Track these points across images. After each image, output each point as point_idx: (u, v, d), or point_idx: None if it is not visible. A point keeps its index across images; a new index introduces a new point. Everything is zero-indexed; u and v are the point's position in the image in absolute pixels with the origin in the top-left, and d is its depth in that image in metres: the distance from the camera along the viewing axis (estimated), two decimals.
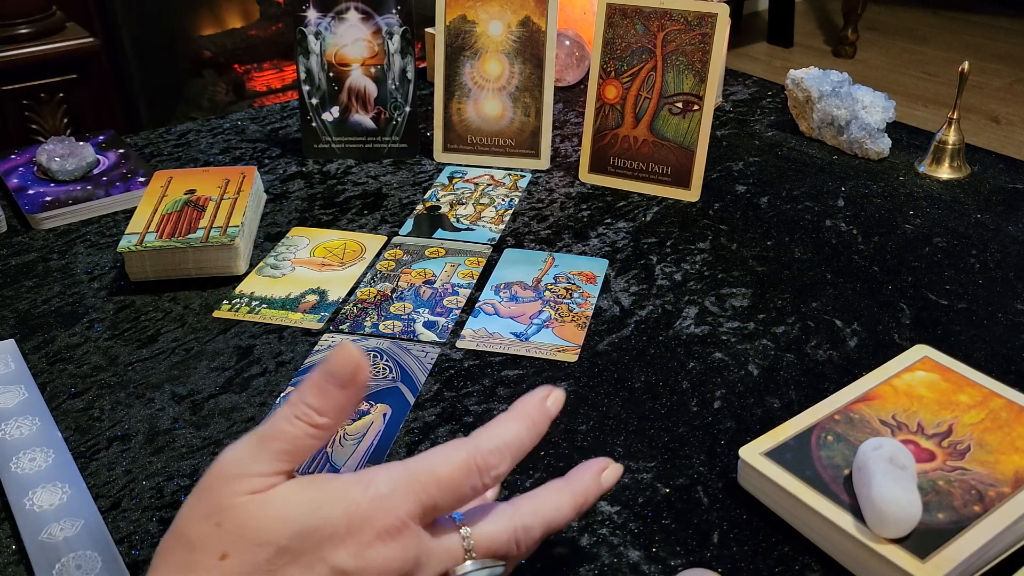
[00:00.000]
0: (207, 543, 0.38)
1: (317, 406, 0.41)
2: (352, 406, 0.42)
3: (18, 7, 1.72)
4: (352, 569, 0.39)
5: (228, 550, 0.38)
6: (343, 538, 0.39)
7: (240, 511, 0.39)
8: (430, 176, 0.99)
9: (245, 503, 0.39)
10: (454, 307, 0.75)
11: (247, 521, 0.38)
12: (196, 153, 1.06)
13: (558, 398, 0.46)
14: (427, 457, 0.42)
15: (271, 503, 0.39)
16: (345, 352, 0.41)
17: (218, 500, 0.39)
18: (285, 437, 0.40)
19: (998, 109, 3.07)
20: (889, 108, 0.99)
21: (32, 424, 0.62)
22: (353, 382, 0.41)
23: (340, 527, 0.39)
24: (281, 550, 0.38)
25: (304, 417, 0.41)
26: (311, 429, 0.41)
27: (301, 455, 0.41)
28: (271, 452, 0.40)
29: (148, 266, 0.78)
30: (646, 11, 0.90)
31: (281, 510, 0.39)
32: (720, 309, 0.74)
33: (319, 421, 0.41)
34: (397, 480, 0.40)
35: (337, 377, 0.41)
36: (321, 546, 0.38)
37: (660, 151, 0.92)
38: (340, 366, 0.41)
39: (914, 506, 0.47)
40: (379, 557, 0.39)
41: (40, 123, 1.76)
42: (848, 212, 0.89)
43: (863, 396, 0.58)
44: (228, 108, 2.31)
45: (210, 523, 0.39)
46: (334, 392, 0.41)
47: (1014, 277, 0.78)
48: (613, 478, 0.47)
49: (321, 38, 0.99)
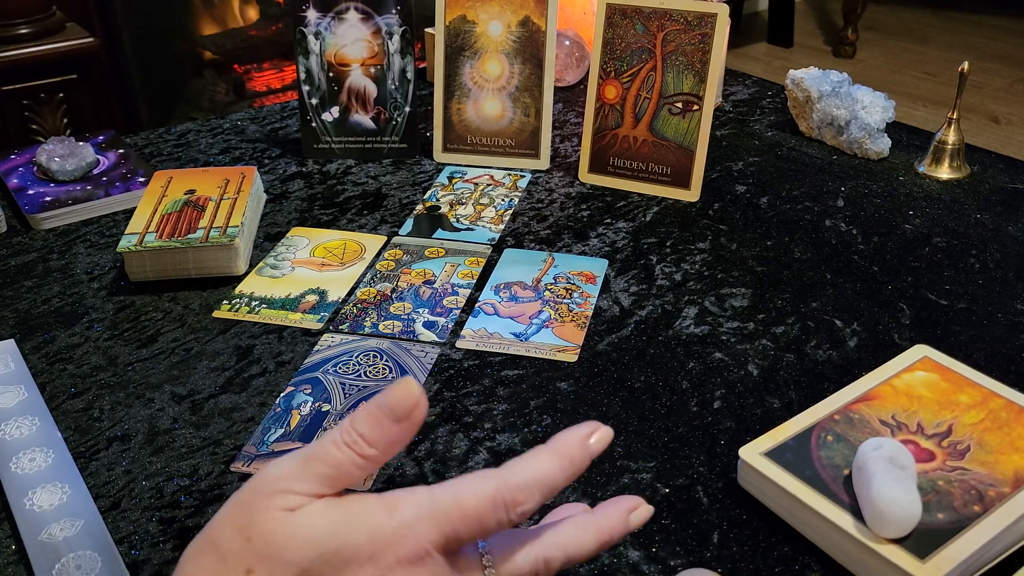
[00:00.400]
0: (235, 556, 0.38)
1: (369, 436, 0.40)
2: (404, 443, 0.41)
3: (18, 7, 1.72)
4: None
5: (254, 566, 0.38)
6: (364, 563, 0.38)
7: (270, 528, 0.39)
8: (430, 176, 0.99)
9: (276, 520, 0.39)
10: (454, 307, 0.75)
11: (274, 539, 0.38)
12: (196, 153, 1.06)
13: (604, 436, 0.43)
14: (454, 486, 0.41)
15: (298, 523, 0.39)
16: (406, 387, 0.41)
17: (252, 514, 0.39)
18: (331, 461, 0.40)
19: (998, 109, 3.06)
20: (889, 108, 0.99)
21: (32, 424, 0.62)
22: (409, 418, 0.40)
23: (363, 551, 0.38)
24: (304, 572, 0.38)
25: (353, 445, 0.40)
26: (358, 459, 0.40)
27: (343, 482, 0.40)
28: (314, 474, 0.40)
29: (148, 266, 0.78)
30: (646, 11, 0.90)
31: (306, 531, 0.39)
32: (720, 309, 0.74)
33: (367, 452, 0.40)
34: (422, 507, 0.40)
35: (394, 411, 0.40)
36: (342, 570, 0.38)
37: (660, 151, 0.92)
38: (399, 400, 0.40)
39: (914, 506, 0.47)
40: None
41: (40, 123, 1.76)
42: (848, 212, 0.89)
43: (863, 396, 0.58)
44: (228, 108, 2.31)
45: (241, 536, 0.39)
46: (388, 425, 0.40)
47: (1014, 277, 0.78)
48: (642, 519, 0.45)
49: (321, 38, 0.99)
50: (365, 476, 0.41)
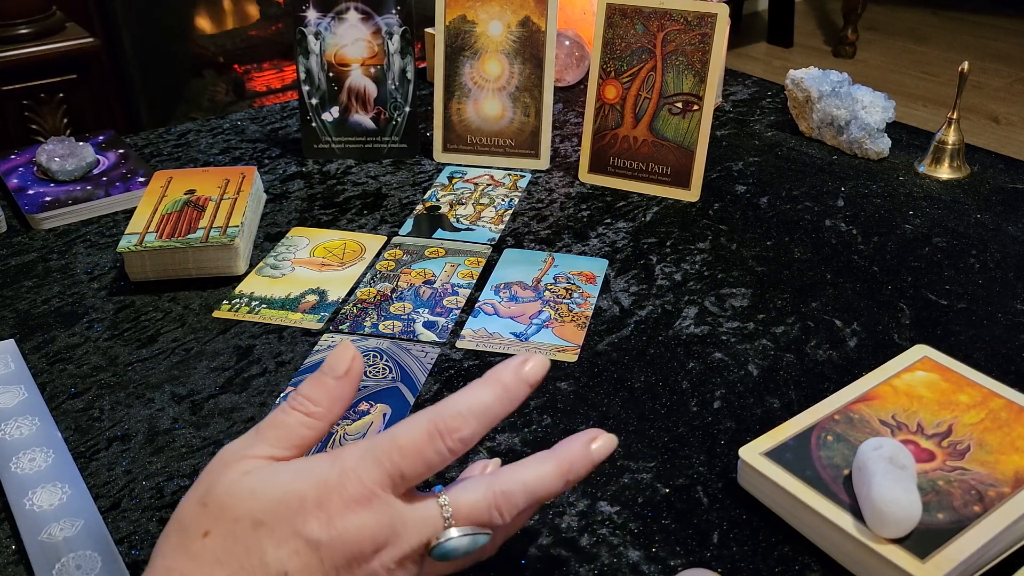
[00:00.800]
0: (194, 523, 0.40)
1: (312, 396, 0.44)
2: (347, 399, 0.44)
3: (18, 7, 1.72)
4: (324, 539, 0.39)
5: (210, 527, 0.40)
6: (313, 510, 0.40)
7: (223, 490, 0.40)
8: (430, 176, 0.99)
9: (229, 483, 0.41)
10: (454, 307, 0.75)
11: (226, 500, 0.40)
12: (196, 153, 1.06)
13: (538, 364, 0.44)
14: (391, 428, 0.43)
15: (247, 481, 0.41)
16: (342, 348, 0.45)
17: (210, 484, 0.41)
18: (278, 424, 0.43)
19: (998, 109, 3.07)
20: (889, 108, 0.99)
21: (32, 424, 0.62)
22: (347, 374, 0.44)
23: (309, 499, 0.40)
24: (255, 523, 0.39)
25: (299, 407, 0.43)
26: (305, 418, 0.43)
27: (296, 442, 0.43)
28: (266, 439, 0.42)
29: (148, 266, 0.78)
30: (646, 11, 0.90)
31: (255, 486, 0.40)
32: (720, 309, 0.74)
33: (312, 410, 0.43)
34: (363, 452, 0.42)
35: (333, 369, 0.44)
36: (292, 519, 0.39)
37: (660, 151, 0.92)
38: (335, 359, 0.44)
39: (914, 506, 0.47)
40: (350, 526, 0.40)
41: (40, 123, 1.76)
42: (848, 212, 0.89)
43: (863, 396, 0.58)
44: (228, 108, 2.31)
45: (198, 504, 0.41)
46: (328, 383, 0.44)
47: (1014, 277, 0.78)
48: (605, 450, 0.45)
49: (321, 38, 0.99)
50: (317, 435, 0.43)
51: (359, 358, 0.45)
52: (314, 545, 0.39)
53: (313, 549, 0.39)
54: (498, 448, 0.60)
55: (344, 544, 0.40)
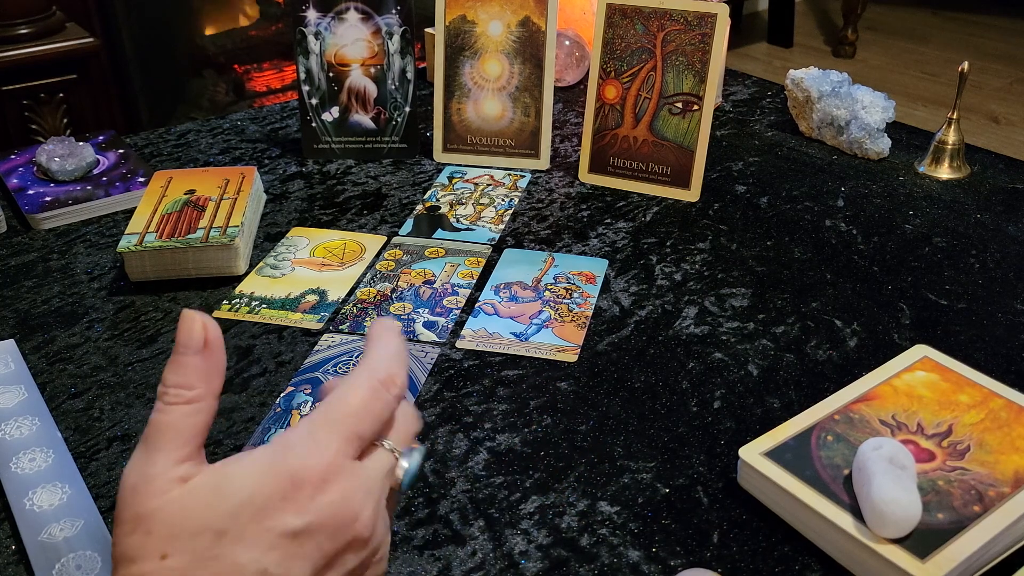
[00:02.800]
0: (144, 551, 0.37)
1: (183, 382, 0.40)
2: (217, 368, 0.41)
3: (18, 7, 1.72)
4: (302, 526, 0.38)
5: (166, 550, 0.37)
6: (280, 503, 0.38)
7: (162, 512, 0.38)
8: (430, 176, 0.99)
9: (164, 504, 0.38)
10: (454, 307, 0.75)
11: (173, 518, 0.38)
12: (196, 153, 1.06)
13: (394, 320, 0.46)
14: (334, 395, 0.41)
15: (191, 495, 0.38)
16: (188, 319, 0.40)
17: (135, 512, 0.38)
18: (165, 427, 0.39)
19: (998, 109, 3.06)
20: (889, 108, 0.99)
21: (32, 424, 0.62)
22: (206, 344, 0.40)
23: (273, 495, 0.38)
24: (219, 533, 0.38)
25: (174, 399, 0.40)
26: (187, 407, 0.40)
27: (190, 436, 0.40)
28: (160, 448, 0.39)
29: (148, 266, 0.78)
30: (646, 11, 0.90)
31: (205, 497, 0.38)
32: (720, 309, 0.74)
33: (189, 395, 0.40)
34: (315, 430, 0.40)
35: (189, 346, 0.40)
36: (260, 518, 0.38)
37: (660, 151, 0.92)
38: (187, 334, 0.40)
39: (914, 506, 0.47)
40: (326, 504, 0.39)
41: (40, 123, 1.76)
42: (848, 212, 0.89)
43: (863, 396, 0.58)
44: (228, 108, 2.31)
45: (139, 535, 0.38)
46: (191, 361, 0.40)
47: (1014, 277, 0.78)
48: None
49: (321, 38, 0.99)
50: (207, 417, 0.40)
51: (211, 323, 0.40)
52: (292, 535, 0.38)
53: (293, 540, 0.38)
54: (498, 448, 0.60)
55: (327, 522, 0.39)
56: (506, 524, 0.54)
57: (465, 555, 0.52)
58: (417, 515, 0.55)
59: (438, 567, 0.52)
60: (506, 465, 0.59)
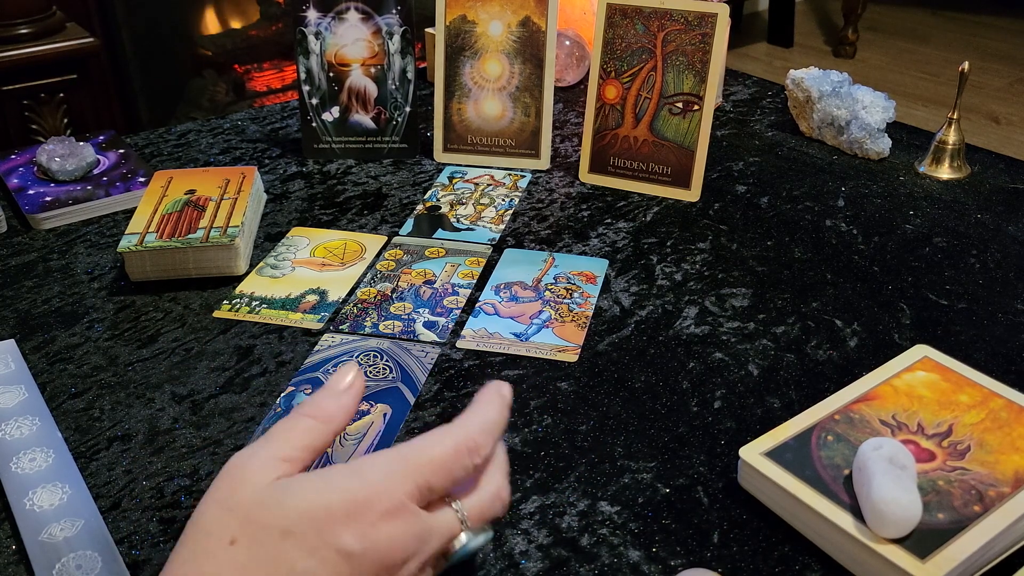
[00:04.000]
0: (218, 529, 0.40)
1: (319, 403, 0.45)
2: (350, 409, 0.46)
3: (18, 7, 1.72)
4: (358, 550, 0.40)
5: (237, 535, 0.40)
6: (344, 520, 0.40)
7: (248, 498, 0.40)
8: (430, 176, 0.99)
9: (254, 491, 0.41)
10: (454, 307, 0.75)
11: (254, 508, 0.40)
12: (196, 153, 1.06)
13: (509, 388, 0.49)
14: (419, 442, 0.44)
15: (276, 491, 0.41)
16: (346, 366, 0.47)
17: (230, 487, 0.41)
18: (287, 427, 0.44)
19: (998, 109, 3.06)
20: (889, 108, 0.99)
21: (32, 424, 0.62)
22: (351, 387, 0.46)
23: (338, 511, 0.40)
24: (284, 533, 0.39)
25: (307, 412, 0.45)
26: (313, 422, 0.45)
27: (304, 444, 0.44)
28: (272, 442, 0.43)
29: (148, 266, 0.78)
30: (646, 11, 0.90)
31: (284, 496, 0.40)
32: (720, 309, 0.74)
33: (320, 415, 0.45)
34: (392, 465, 0.42)
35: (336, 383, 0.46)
36: (323, 530, 0.40)
37: (660, 151, 0.92)
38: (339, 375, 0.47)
39: (914, 506, 0.47)
40: (383, 537, 0.41)
41: (40, 123, 1.76)
42: (848, 212, 0.89)
43: (863, 396, 0.58)
44: (228, 108, 2.31)
45: (222, 509, 0.41)
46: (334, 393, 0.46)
47: (1014, 277, 0.78)
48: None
49: (321, 38, 0.99)
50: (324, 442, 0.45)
51: (361, 375, 0.47)
52: (346, 555, 0.40)
53: (344, 559, 0.40)
54: None
55: (377, 554, 0.40)
56: (506, 524, 0.54)
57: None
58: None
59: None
60: None
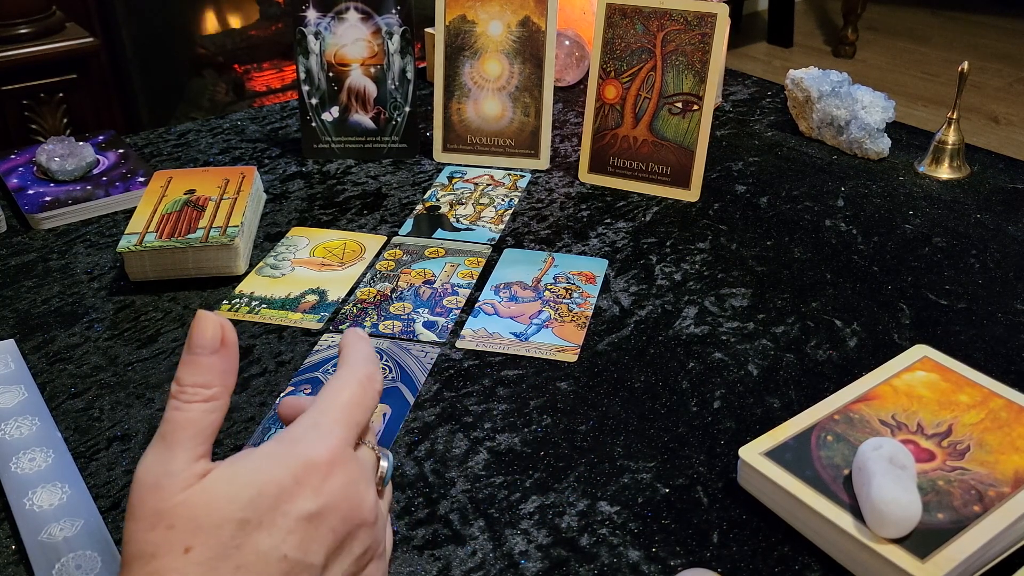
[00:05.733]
0: (166, 546, 0.38)
1: (200, 381, 0.41)
2: (232, 367, 0.42)
3: (18, 7, 1.72)
4: (316, 508, 0.40)
5: (189, 543, 0.38)
6: (294, 489, 0.40)
7: (184, 506, 0.39)
8: (430, 176, 0.99)
9: (185, 499, 0.39)
10: (454, 307, 0.75)
11: (195, 511, 0.39)
12: (196, 153, 1.06)
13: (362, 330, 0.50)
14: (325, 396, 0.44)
15: (211, 488, 0.39)
16: (203, 320, 0.42)
17: (155, 508, 0.39)
18: (185, 424, 0.41)
19: (998, 109, 3.06)
20: (889, 108, 0.99)
21: (32, 424, 0.62)
22: (223, 344, 0.42)
23: (287, 482, 0.40)
24: (241, 522, 0.39)
25: (193, 397, 0.41)
26: (204, 405, 0.41)
27: (207, 434, 0.41)
28: (179, 444, 0.40)
29: (148, 266, 0.78)
30: (646, 11, 0.90)
31: (224, 489, 0.39)
32: (720, 309, 0.74)
33: (207, 394, 0.41)
34: (315, 420, 0.43)
35: (205, 347, 0.41)
36: (277, 505, 0.40)
37: (660, 151, 0.92)
38: (202, 335, 0.41)
39: (914, 506, 0.47)
40: (337, 488, 0.41)
41: (40, 123, 1.76)
42: (848, 212, 0.89)
43: (863, 396, 0.58)
44: (228, 108, 2.31)
45: (159, 530, 0.38)
46: (207, 360, 0.41)
47: (1014, 277, 0.78)
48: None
49: (321, 38, 0.99)
50: (221, 414, 0.42)
51: (227, 324, 0.42)
52: (308, 518, 0.40)
53: (308, 522, 0.40)
54: (498, 448, 0.60)
55: (338, 504, 0.41)
56: (506, 524, 0.54)
57: (465, 555, 0.52)
58: (417, 515, 0.55)
59: (438, 567, 0.52)
60: (506, 465, 0.59)
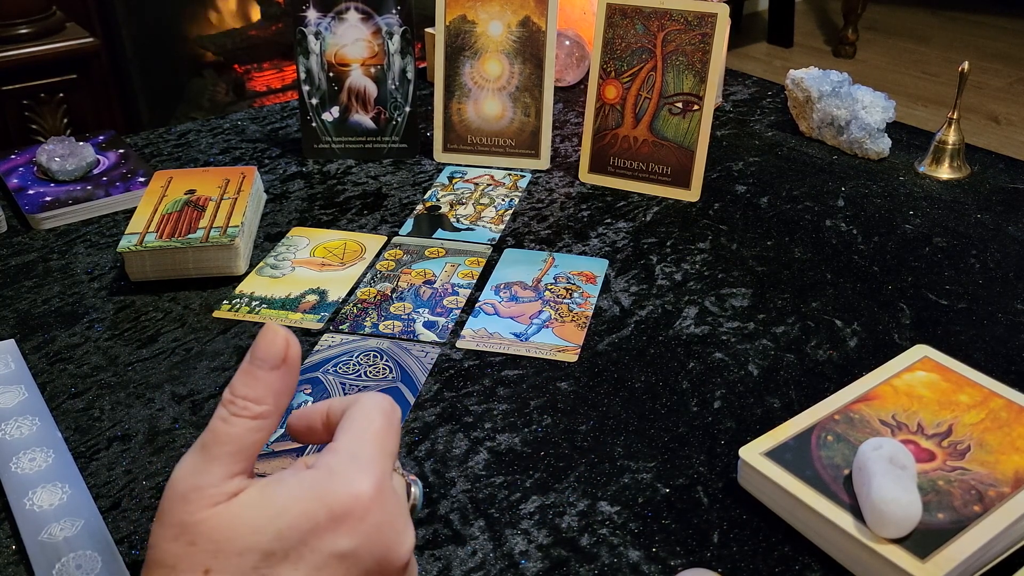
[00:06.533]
0: (186, 563, 0.37)
1: (252, 395, 0.39)
2: (289, 387, 0.40)
3: (18, 7, 1.72)
4: (352, 548, 0.38)
5: (209, 564, 0.37)
6: (330, 524, 0.38)
7: (208, 525, 0.37)
8: (430, 176, 0.99)
9: (210, 517, 0.37)
10: (454, 307, 0.75)
11: (219, 534, 0.37)
12: (196, 153, 1.06)
13: None
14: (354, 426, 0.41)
15: (238, 511, 0.38)
16: (270, 332, 0.39)
17: (181, 520, 0.38)
18: (227, 439, 0.39)
19: (998, 109, 3.06)
20: (889, 108, 0.99)
21: (32, 424, 0.62)
22: (284, 361, 0.39)
23: (321, 517, 0.38)
24: (266, 554, 0.37)
25: (241, 412, 0.39)
26: (252, 422, 0.39)
27: (249, 452, 0.39)
28: (218, 459, 0.38)
29: (148, 266, 0.78)
30: (646, 11, 0.90)
31: (251, 516, 0.38)
32: (720, 309, 0.74)
33: (257, 411, 0.39)
34: (353, 452, 0.40)
35: (267, 360, 0.39)
36: (307, 540, 0.38)
37: (660, 151, 0.92)
38: (267, 347, 0.39)
39: (914, 506, 0.47)
40: (374, 526, 0.39)
41: (40, 123, 1.76)
42: (848, 212, 0.89)
43: (863, 396, 0.58)
44: (228, 108, 2.31)
45: (181, 543, 0.37)
46: (266, 376, 0.39)
47: (1014, 277, 0.78)
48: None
49: (321, 38, 0.99)
50: (267, 436, 0.40)
51: (293, 341, 0.39)
52: (340, 556, 0.38)
53: (339, 560, 0.38)
54: (498, 448, 0.60)
55: (373, 545, 0.39)
56: (506, 524, 0.54)
57: (465, 555, 0.52)
58: (417, 515, 0.55)
59: (438, 567, 0.52)
60: (506, 465, 0.59)
